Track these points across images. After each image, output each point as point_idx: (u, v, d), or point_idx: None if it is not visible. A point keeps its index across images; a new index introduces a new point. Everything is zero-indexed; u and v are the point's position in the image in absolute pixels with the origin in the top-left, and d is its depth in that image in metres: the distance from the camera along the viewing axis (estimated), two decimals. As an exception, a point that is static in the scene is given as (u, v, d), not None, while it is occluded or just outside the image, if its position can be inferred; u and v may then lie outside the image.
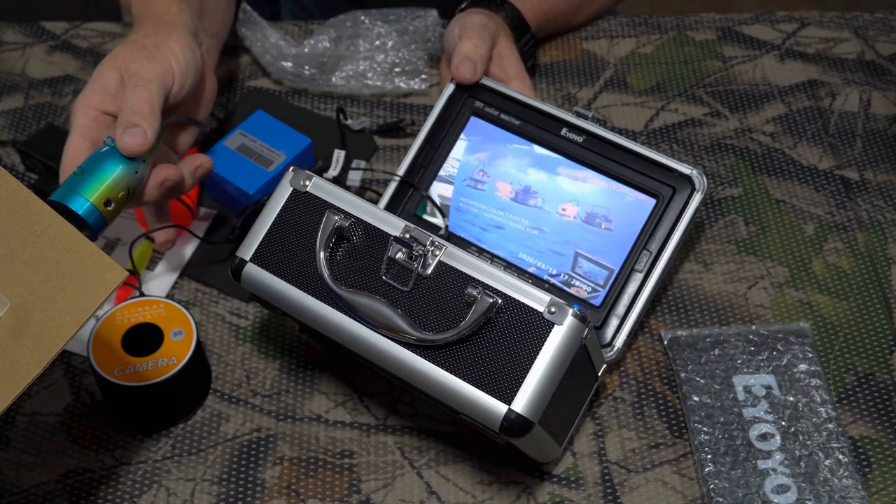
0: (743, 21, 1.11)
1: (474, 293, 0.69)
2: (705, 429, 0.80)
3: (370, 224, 0.74)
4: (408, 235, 0.73)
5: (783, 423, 0.80)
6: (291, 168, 0.76)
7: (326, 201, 0.75)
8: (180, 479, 0.79)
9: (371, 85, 1.03)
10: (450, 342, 0.70)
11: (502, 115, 0.91)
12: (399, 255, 0.72)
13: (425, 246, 0.72)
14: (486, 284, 0.70)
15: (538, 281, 0.85)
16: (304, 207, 0.75)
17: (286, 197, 0.76)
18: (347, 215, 0.74)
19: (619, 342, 0.82)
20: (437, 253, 0.72)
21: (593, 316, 0.83)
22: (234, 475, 0.80)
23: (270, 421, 0.82)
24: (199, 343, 0.80)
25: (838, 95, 1.04)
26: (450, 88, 0.93)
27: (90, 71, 1.06)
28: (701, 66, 1.07)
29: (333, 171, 0.93)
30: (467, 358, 0.70)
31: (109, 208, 0.77)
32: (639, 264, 0.84)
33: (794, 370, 0.83)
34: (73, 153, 0.80)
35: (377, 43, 1.04)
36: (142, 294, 0.86)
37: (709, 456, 0.78)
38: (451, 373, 0.70)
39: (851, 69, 1.07)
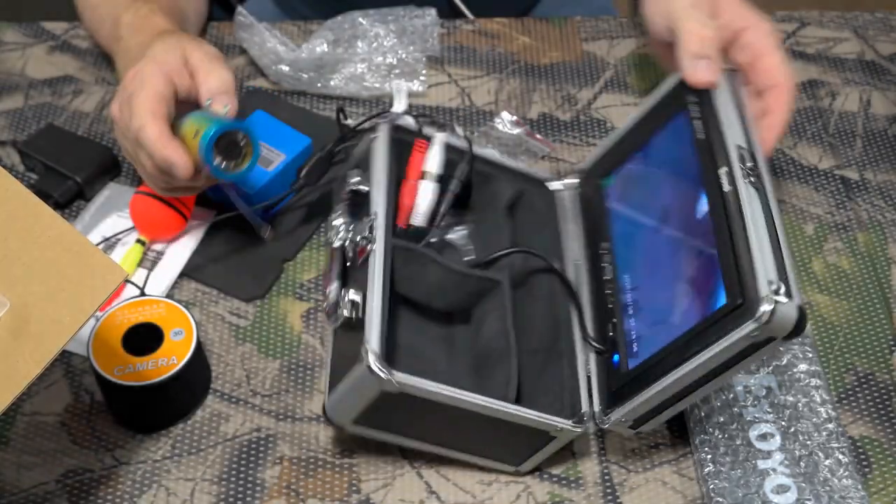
0: (743, 21, 1.11)
1: None
2: (705, 429, 0.80)
3: None
4: None
5: (783, 423, 0.80)
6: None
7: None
8: (180, 479, 0.79)
9: (370, 87, 1.03)
10: None
11: (698, 135, 0.79)
12: None
13: None
14: None
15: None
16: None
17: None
18: None
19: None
20: None
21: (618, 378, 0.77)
22: (234, 475, 0.80)
23: (270, 421, 0.82)
24: (199, 343, 0.80)
25: (838, 95, 1.04)
26: (673, 80, 0.83)
27: (90, 71, 1.06)
28: (701, 66, 1.07)
29: (399, 106, 0.88)
30: None
31: None
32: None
33: (794, 370, 0.83)
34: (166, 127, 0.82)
35: (375, 45, 1.03)
36: (143, 294, 0.86)
37: (709, 456, 0.78)
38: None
39: (851, 69, 1.07)
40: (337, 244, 0.77)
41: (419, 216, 0.82)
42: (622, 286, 0.80)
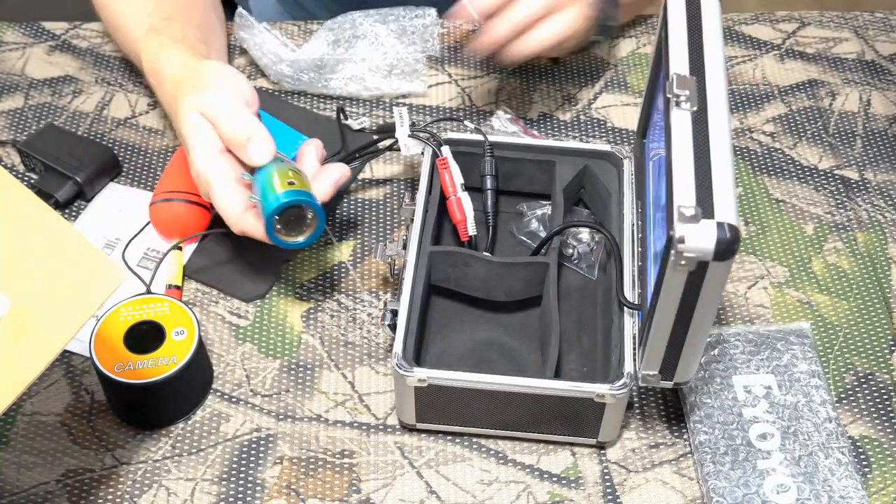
0: (743, 21, 1.11)
1: None
2: (705, 429, 0.80)
3: None
4: None
5: (783, 422, 0.80)
6: None
7: None
8: (180, 479, 0.79)
9: (370, 87, 1.03)
10: None
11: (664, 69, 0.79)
12: None
13: None
14: None
15: None
16: None
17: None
18: None
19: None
20: None
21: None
22: (234, 475, 0.80)
23: (270, 421, 0.82)
24: (200, 343, 0.80)
25: (838, 95, 1.04)
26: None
27: (90, 71, 1.06)
28: (701, 66, 1.07)
29: (402, 128, 0.90)
30: None
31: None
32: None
33: (794, 370, 0.83)
34: (239, 196, 0.81)
35: (375, 44, 1.03)
36: (149, 292, 0.86)
37: (708, 456, 0.78)
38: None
39: (851, 69, 1.07)
40: (387, 261, 0.85)
41: (472, 225, 0.86)
42: (650, 240, 0.80)
